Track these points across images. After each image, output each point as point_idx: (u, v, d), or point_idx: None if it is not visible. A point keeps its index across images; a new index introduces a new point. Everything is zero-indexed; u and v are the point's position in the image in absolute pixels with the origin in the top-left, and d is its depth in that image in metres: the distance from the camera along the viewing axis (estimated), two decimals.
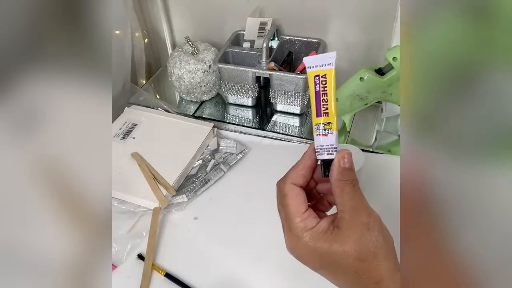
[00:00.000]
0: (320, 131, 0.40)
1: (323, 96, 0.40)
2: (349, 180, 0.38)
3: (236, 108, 0.85)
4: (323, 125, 0.40)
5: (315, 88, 0.40)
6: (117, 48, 0.83)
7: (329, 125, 0.40)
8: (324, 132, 0.40)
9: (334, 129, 0.40)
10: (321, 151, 0.40)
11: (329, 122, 0.40)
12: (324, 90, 0.40)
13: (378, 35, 0.78)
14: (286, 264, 0.57)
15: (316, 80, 0.40)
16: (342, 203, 0.37)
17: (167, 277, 0.56)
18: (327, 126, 0.40)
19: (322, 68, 0.40)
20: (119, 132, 0.77)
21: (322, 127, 0.40)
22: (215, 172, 0.70)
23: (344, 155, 0.38)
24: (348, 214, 0.36)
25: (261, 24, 0.80)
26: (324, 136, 0.40)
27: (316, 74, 0.40)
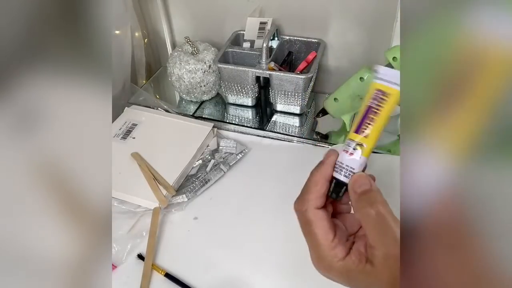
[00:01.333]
0: (349, 148, 0.36)
1: (373, 114, 0.36)
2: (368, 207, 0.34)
3: (236, 108, 0.85)
4: (354, 143, 0.36)
5: (369, 102, 0.36)
6: (117, 48, 0.83)
7: (361, 146, 0.36)
8: (351, 151, 0.36)
9: (365, 154, 0.36)
10: (339, 169, 0.36)
11: (362, 144, 0.36)
12: (377, 108, 0.36)
13: (378, 35, 0.78)
14: (286, 264, 0.58)
15: (376, 95, 0.36)
16: (371, 238, 0.34)
17: (167, 277, 0.56)
18: (358, 147, 0.36)
19: (389, 85, 0.35)
20: (119, 132, 0.77)
21: (353, 145, 0.36)
22: (215, 172, 0.70)
23: (357, 177, 0.35)
24: (380, 252, 0.34)
25: (261, 24, 0.80)
26: (349, 155, 0.36)
27: (379, 88, 0.36)
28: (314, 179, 0.38)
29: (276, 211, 0.65)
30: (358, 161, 0.36)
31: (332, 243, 0.36)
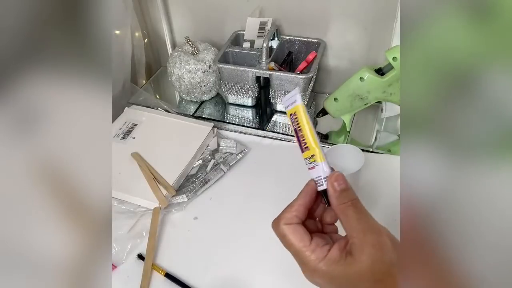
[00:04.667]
0: (308, 165, 0.41)
1: (299, 132, 0.41)
2: (348, 202, 0.37)
3: (236, 108, 0.85)
4: (308, 159, 0.41)
5: (293, 127, 0.42)
6: (117, 48, 0.83)
7: (312, 158, 0.40)
8: (311, 165, 0.41)
9: (318, 160, 0.40)
10: (316, 183, 0.40)
11: (312, 155, 0.40)
12: (298, 127, 0.41)
13: (378, 35, 0.79)
14: (286, 264, 0.57)
15: (292, 119, 0.41)
16: (349, 228, 0.37)
17: (167, 277, 0.56)
18: (311, 160, 0.40)
19: (292, 106, 0.41)
20: (119, 132, 0.77)
21: (308, 161, 0.41)
22: (215, 172, 0.70)
23: (334, 178, 0.38)
24: (357, 239, 0.36)
25: (261, 24, 0.80)
26: (312, 169, 0.41)
27: (291, 113, 0.42)
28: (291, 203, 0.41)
29: (276, 211, 0.64)
30: (320, 167, 0.40)
31: (310, 247, 0.37)
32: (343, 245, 0.37)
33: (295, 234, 0.38)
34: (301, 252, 0.38)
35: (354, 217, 0.37)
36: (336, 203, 0.38)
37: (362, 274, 0.35)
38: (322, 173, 0.40)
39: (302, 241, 0.38)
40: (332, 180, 0.38)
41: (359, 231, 0.36)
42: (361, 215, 0.37)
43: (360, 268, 0.35)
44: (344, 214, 0.37)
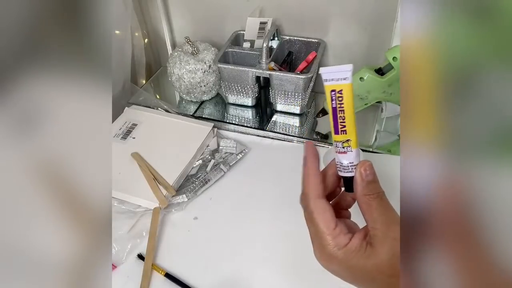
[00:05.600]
0: (339, 149, 0.39)
1: (340, 113, 0.38)
2: (374, 194, 0.37)
3: (236, 108, 0.85)
4: (342, 143, 0.38)
5: (331, 104, 0.38)
6: (117, 48, 0.83)
7: (347, 142, 0.38)
8: (343, 150, 0.38)
9: (353, 146, 0.38)
10: (341, 168, 0.39)
11: (347, 139, 0.38)
12: (341, 107, 0.38)
13: (378, 35, 0.79)
14: (287, 263, 0.58)
15: (333, 96, 0.38)
16: (372, 220, 0.36)
17: (167, 277, 0.56)
18: (345, 144, 0.38)
19: (338, 82, 0.38)
20: (119, 132, 0.77)
21: (340, 145, 0.38)
22: (215, 172, 0.70)
23: (365, 167, 0.37)
24: (379, 231, 0.35)
25: (261, 24, 0.80)
26: (343, 154, 0.38)
27: (332, 89, 0.38)
28: (305, 173, 0.40)
29: (276, 211, 0.65)
30: (353, 154, 0.38)
31: (334, 231, 0.37)
32: (363, 235, 0.37)
33: (324, 215, 0.37)
34: (323, 235, 0.37)
35: (379, 209, 0.36)
36: (362, 193, 0.37)
37: (380, 267, 0.34)
38: (355, 160, 0.38)
39: (327, 223, 0.37)
40: (364, 167, 0.37)
41: (383, 223, 0.35)
42: (385, 209, 0.36)
43: (379, 261, 0.34)
44: (368, 204, 0.36)
